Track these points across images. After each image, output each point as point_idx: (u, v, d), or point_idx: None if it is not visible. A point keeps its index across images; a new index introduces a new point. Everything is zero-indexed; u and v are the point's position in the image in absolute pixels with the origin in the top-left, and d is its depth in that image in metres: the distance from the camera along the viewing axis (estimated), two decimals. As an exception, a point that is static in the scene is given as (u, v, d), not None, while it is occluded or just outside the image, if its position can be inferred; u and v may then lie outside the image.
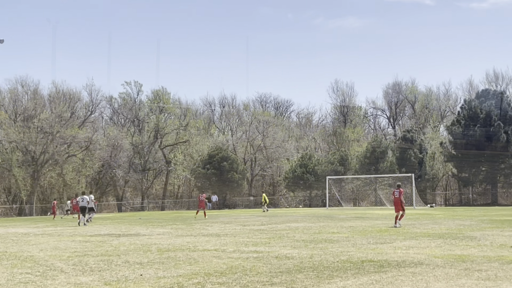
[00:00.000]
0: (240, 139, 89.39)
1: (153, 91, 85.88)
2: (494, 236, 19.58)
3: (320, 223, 29.92)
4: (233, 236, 21.65)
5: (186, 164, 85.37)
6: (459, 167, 73.96)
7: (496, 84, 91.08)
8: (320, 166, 76.25)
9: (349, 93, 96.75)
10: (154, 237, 22.16)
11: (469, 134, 71.64)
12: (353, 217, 36.67)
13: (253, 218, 37.33)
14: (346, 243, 17.73)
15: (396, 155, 73.67)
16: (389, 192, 70.19)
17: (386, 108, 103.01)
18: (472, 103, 73.70)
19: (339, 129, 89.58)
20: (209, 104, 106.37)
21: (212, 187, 76.53)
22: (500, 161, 71.91)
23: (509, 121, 71.01)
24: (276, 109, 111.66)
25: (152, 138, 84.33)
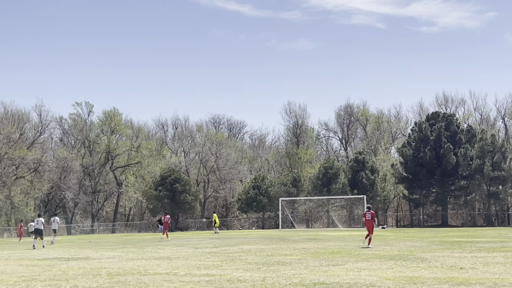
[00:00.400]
0: (193, 161, 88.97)
1: (104, 112, 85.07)
2: (444, 257, 19.76)
3: (272, 245, 29.81)
4: (185, 259, 21.37)
5: (137, 185, 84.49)
6: (410, 188, 74.94)
7: (445, 106, 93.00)
8: (273, 187, 76.34)
9: (301, 114, 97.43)
10: (104, 261, 21.71)
11: (419, 156, 72.75)
12: (305, 238, 36.66)
13: (206, 241, 37.02)
14: (299, 265, 17.65)
15: (348, 176, 74.26)
16: (341, 214, 70.73)
17: (338, 130, 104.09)
18: (423, 126, 74.94)
19: (292, 150, 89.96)
20: (162, 125, 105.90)
21: (164, 209, 75.75)
22: (450, 182, 73.15)
23: (458, 143, 72.38)
24: (229, 130, 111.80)
25: (103, 159, 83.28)
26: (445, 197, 72.91)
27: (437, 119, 75.38)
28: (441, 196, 72.75)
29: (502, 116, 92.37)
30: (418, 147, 73.69)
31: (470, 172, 71.12)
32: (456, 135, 73.29)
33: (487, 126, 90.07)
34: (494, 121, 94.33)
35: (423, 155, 72.18)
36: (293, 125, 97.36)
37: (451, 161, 70.39)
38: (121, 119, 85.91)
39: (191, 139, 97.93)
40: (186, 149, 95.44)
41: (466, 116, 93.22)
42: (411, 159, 73.05)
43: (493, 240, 31.03)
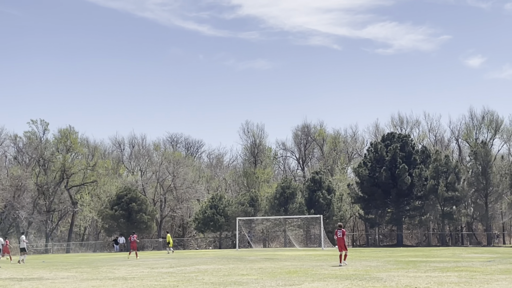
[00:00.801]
0: (149, 180, 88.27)
1: (60, 130, 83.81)
2: (399, 277, 19.96)
3: (229, 265, 29.72)
4: (140, 280, 21.15)
5: (93, 205, 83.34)
6: (365, 208, 75.56)
7: (401, 127, 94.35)
8: (230, 207, 76.17)
9: (259, 134, 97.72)
10: (58, 281, 21.35)
11: (375, 176, 73.51)
12: (262, 258, 36.64)
13: (162, 260, 36.70)
14: (255, 285, 17.62)
15: (305, 196, 74.56)
16: (298, 233, 70.89)
17: (296, 150, 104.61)
18: (378, 146, 75.82)
19: (250, 170, 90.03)
20: (118, 144, 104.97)
21: (120, 228, 74.92)
22: (405, 202, 74.02)
23: (413, 163, 73.38)
24: (187, 149, 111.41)
25: (58, 178, 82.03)
26: (400, 217, 73.68)
27: (393, 139, 76.35)
28: (396, 216, 73.51)
29: (456, 137, 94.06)
30: (374, 167, 74.46)
31: (424, 193, 72.10)
32: (411, 155, 74.32)
33: (441, 147, 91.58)
34: (448, 142, 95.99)
35: (378, 175, 72.95)
36: (251, 144, 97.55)
37: (406, 181, 71.27)
38: (77, 137, 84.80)
39: (148, 158, 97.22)
40: (143, 168, 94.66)
41: (420, 137, 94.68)
42: (367, 179, 73.74)
43: (447, 260, 31.47)
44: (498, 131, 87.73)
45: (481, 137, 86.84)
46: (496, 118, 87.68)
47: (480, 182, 71.04)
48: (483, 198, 71.32)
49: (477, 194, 72.26)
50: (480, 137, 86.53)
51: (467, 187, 72.78)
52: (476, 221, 77.27)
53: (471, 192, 72.75)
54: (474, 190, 72.34)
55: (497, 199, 71.83)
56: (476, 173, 71.48)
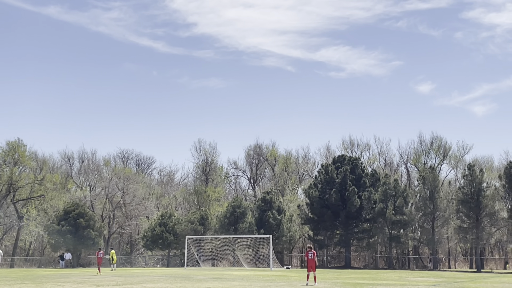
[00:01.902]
0: (98, 195, 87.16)
1: (7, 142, 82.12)
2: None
3: (177, 283, 29.47)
4: (85, 297, 20.78)
5: (39, 219, 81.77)
6: (315, 229, 75.93)
7: (351, 150, 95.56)
8: (180, 225, 75.67)
9: (211, 152, 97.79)
10: (-1, 298, 20.84)
11: (325, 198, 74.05)
12: (210, 277, 36.44)
13: (108, 278, 36.17)
14: (202, 305, 17.51)
15: (255, 216, 74.60)
16: (247, 253, 70.81)
17: (247, 169, 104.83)
18: (329, 168, 76.47)
19: (201, 188, 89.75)
20: (68, 158, 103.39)
21: (67, 244, 73.59)
22: (354, 224, 74.66)
23: (363, 186, 74.19)
24: (137, 165, 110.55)
25: (4, 191, 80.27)
26: (348, 239, 74.27)
27: (343, 162, 77.13)
28: (345, 237, 74.08)
29: (405, 161, 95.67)
30: (324, 189, 75.03)
31: (373, 215, 72.90)
32: (361, 178, 75.15)
33: (391, 170, 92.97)
34: (397, 166, 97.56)
35: (328, 197, 73.51)
36: (203, 162, 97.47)
37: (355, 204, 71.98)
38: (25, 150, 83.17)
39: (97, 173, 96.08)
40: (92, 184, 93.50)
41: (371, 160, 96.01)
42: (317, 200, 74.21)
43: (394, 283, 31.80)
44: (446, 157, 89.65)
45: (429, 162, 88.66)
46: (445, 144, 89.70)
47: (427, 207, 72.17)
48: (430, 222, 72.43)
49: (424, 218, 73.34)
50: (429, 162, 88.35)
51: (415, 211, 73.85)
52: (422, 245, 78.41)
53: (419, 216, 73.82)
54: (421, 214, 73.43)
55: (443, 224, 73.02)
56: (424, 198, 72.61)
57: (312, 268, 29.90)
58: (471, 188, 69.65)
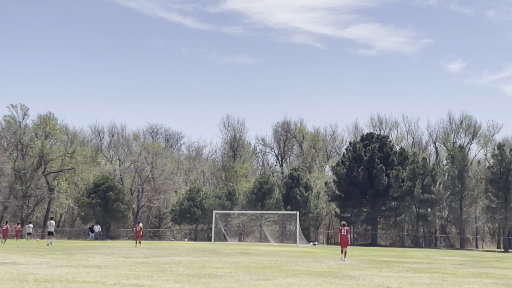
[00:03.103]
0: (128, 169, 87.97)
1: (39, 115, 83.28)
2: (372, 276, 20.17)
3: (204, 257, 29.79)
4: (114, 268, 21.17)
5: (70, 192, 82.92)
6: (342, 207, 75.95)
7: (380, 128, 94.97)
8: (207, 200, 76.19)
9: (239, 129, 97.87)
10: (32, 267, 21.31)
11: (352, 175, 73.94)
12: (237, 252, 36.75)
13: (137, 250, 36.68)
14: (229, 279, 17.74)
15: (282, 192, 74.79)
16: (274, 229, 71.14)
17: (275, 146, 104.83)
18: (357, 146, 76.25)
19: (228, 164, 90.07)
20: (98, 132, 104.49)
21: (96, 216, 74.66)
22: (381, 203, 74.50)
23: (390, 164, 73.92)
24: (166, 140, 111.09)
25: (35, 164, 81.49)
26: (375, 216, 74.21)
27: (371, 140, 76.84)
28: (371, 215, 74.01)
29: (434, 140, 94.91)
30: (352, 166, 74.90)
31: (400, 194, 72.69)
32: (389, 156, 74.84)
33: (419, 149, 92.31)
34: (426, 145, 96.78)
35: (356, 174, 73.39)
36: (231, 138, 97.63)
37: (383, 182, 71.79)
38: (56, 123, 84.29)
39: (127, 147, 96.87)
40: (121, 157, 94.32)
41: (399, 138, 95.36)
42: (344, 178, 74.16)
43: (420, 261, 31.80)
44: (476, 136, 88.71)
45: (458, 141, 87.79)
46: (474, 123, 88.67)
47: (455, 186, 71.74)
48: (458, 202, 72.06)
49: (452, 197, 72.98)
50: (458, 141, 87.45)
51: (443, 190, 73.49)
52: (450, 224, 78.07)
53: (447, 195, 73.46)
54: (449, 193, 73.05)
55: (471, 203, 72.61)
56: (452, 177, 72.17)
57: (345, 244, 30.54)
58: (500, 167, 69.06)
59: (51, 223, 46.54)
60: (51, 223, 46.50)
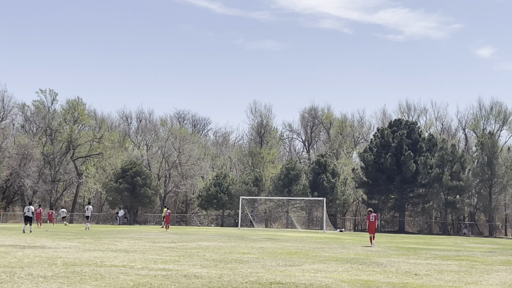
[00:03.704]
0: (155, 155, 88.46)
1: (68, 101, 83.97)
2: (399, 263, 20.04)
3: (231, 243, 29.86)
4: (142, 253, 21.30)
5: (98, 177, 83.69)
6: (369, 193, 75.60)
7: (408, 114, 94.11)
8: (234, 185, 76.33)
9: (267, 114, 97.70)
10: (60, 250, 21.53)
11: (380, 162, 73.50)
12: (264, 238, 36.80)
13: (164, 235, 36.90)
14: (256, 264, 17.73)
15: (309, 178, 74.63)
16: (301, 215, 71.07)
17: (302, 132, 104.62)
18: (385, 132, 75.72)
19: (255, 149, 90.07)
20: (126, 118, 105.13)
21: (124, 201, 75.26)
22: (409, 189, 74.03)
23: (419, 151, 73.32)
24: (193, 126, 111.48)
25: (64, 148, 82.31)
26: (403, 203, 73.77)
27: (399, 126, 76.24)
28: (399, 202, 73.58)
29: (463, 127, 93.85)
30: (379, 153, 74.45)
31: (429, 180, 72.12)
32: (417, 143, 74.23)
33: (448, 136, 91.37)
34: (455, 132, 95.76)
35: (383, 161, 72.95)
36: (258, 124, 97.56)
37: (411, 169, 71.27)
38: (85, 109, 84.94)
39: (154, 133, 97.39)
40: (149, 143, 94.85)
41: (427, 125, 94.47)
42: (372, 164, 73.76)
43: (448, 248, 31.55)
44: (506, 122, 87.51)
45: (488, 127, 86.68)
46: (505, 110, 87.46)
47: (485, 173, 70.98)
48: (487, 189, 71.32)
49: (481, 184, 72.25)
50: (488, 128, 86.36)
51: (472, 177, 72.77)
52: (479, 211, 77.38)
53: (476, 183, 72.74)
54: (478, 180, 72.32)
55: (501, 191, 71.79)
56: (482, 164, 71.40)
57: (373, 230, 31.29)
58: (531, 155, 68.16)
59: (89, 208, 48.98)
60: (89, 208, 48.94)
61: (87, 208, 48.98)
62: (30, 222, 38.55)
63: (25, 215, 39.19)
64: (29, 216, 38.70)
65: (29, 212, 38.88)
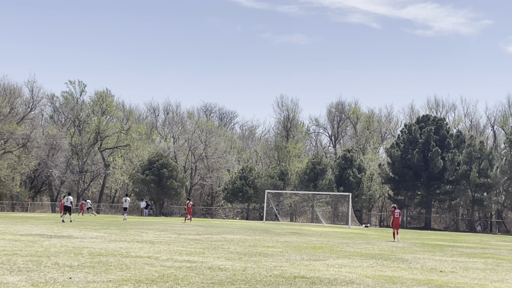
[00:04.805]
0: (181, 147, 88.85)
1: (96, 92, 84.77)
2: (425, 259, 19.91)
3: (256, 236, 29.90)
4: (167, 244, 21.42)
5: (125, 168, 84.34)
6: (395, 189, 75.20)
7: (436, 110, 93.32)
8: (260, 179, 76.39)
9: (293, 108, 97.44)
10: (87, 241, 21.74)
11: (407, 157, 73.03)
12: (289, 232, 36.78)
13: (189, 227, 37.06)
14: (280, 258, 17.74)
15: (335, 173, 74.43)
16: (326, 210, 70.94)
17: (328, 127, 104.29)
18: (412, 128, 75.19)
19: (281, 143, 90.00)
20: (153, 110, 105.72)
21: (150, 193, 75.75)
22: (436, 186, 73.48)
23: (446, 147, 72.70)
24: (220, 119, 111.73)
25: (92, 140, 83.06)
26: (429, 200, 73.26)
27: (427, 122, 75.65)
28: (426, 199, 73.09)
29: (492, 124, 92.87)
30: (407, 148, 73.97)
31: (456, 177, 71.51)
32: (445, 139, 73.60)
33: (476, 132, 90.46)
34: (484, 128, 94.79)
35: (411, 157, 72.47)
36: (284, 118, 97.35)
37: (438, 165, 70.71)
38: (113, 100, 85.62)
39: (181, 125, 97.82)
40: (175, 135, 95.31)
41: (456, 121, 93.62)
42: (399, 160, 73.32)
43: (475, 246, 31.27)
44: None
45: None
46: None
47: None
48: (515, 187, 70.54)
49: (509, 182, 71.48)
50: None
51: (500, 174, 72.01)
52: (506, 209, 76.55)
53: (504, 180, 71.99)
54: (506, 178, 71.56)
55: (529, 189, 70.97)
56: (510, 161, 70.61)
57: (397, 226, 32.04)
58: (561, 153, 67.22)
59: (127, 200, 50.83)
60: (126, 200, 50.70)
61: (125, 200, 50.72)
62: (70, 212, 39.90)
63: (65, 205, 40.54)
64: (68, 206, 40.03)
65: (68, 202, 40.20)
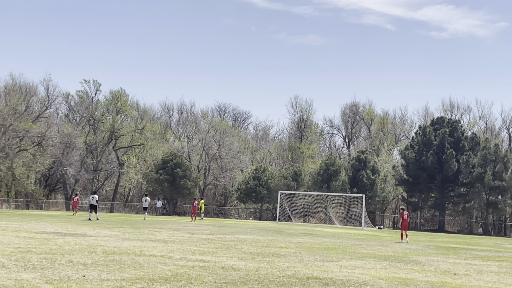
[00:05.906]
0: (195, 147, 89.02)
1: (111, 91, 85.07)
2: (438, 262, 19.84)
3: (269, 236, 29.92)
4: (180, 244, 21.49)
5: (139, 167, 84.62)
6: (409, 191, 74.91)
7: (451, 112, 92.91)
8: (273, 180, 76.38)
9: (307, 109, 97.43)
10: (101, 239, 21.85)
11: (421, 159, 72.73)
12: (302, 233, 36.77)
13: (202, 227, 37.15)
14: (293, 259, 17.75)
15: (349, 175, 74.26)
16: (339, 211, 70.83)
17: (342, 128, 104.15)
18: (427, 130, 74.87)
19: (295, 144, 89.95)
20: (167, 109, 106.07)
21: (164, 192, 75.94)
22: (450, 188, 73.12)
23: (461, 150, 72.32)
24: (234, 119, 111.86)
25: (106, 138, 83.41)
26: (443, 202, 72.93)
27: (442, 124, 75.30)
28: (440, 201, 72.76)
29: (507, 126, 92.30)
30: (421, 150, 73.67)
31: (470, 180, 71.12)
32: (460, 141, 73.23)
33: (491, 135, 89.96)
34: (499, 131, 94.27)
35: (425, 159, 72.17)
36: (298, 119, 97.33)
37: (452, 167, 70.37)
38: (128, 100, 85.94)
39: (195, 125, 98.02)
40: (189, 135, 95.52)
41: (471, 123, 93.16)
42: (413, 162, 73.03)
43: (489, 249, 31.11)
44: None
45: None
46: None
47: (528, 174, 69.72)
48: (530, 190, 70.00)
49: (524, 185, 70.94)
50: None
51: (515, 177, 71.48)
52: (521, 212, 76.02)
53: (519, 183, 71.45)
54: (522, 181, 71.03)
55: (545, 192, 70.38)
56: (526, 164, 70.11)
57: (406, 228, 32.87)
58: None
59: (147, 199, 51.81)
60: (146, 199, 51.61)
61: (145, 200, 51.60)
62: (95, 210, 40.77)
63: (90, 203, 41.62)
64: (94, 204, 40.92)
65: (93, 200, 41.10)
